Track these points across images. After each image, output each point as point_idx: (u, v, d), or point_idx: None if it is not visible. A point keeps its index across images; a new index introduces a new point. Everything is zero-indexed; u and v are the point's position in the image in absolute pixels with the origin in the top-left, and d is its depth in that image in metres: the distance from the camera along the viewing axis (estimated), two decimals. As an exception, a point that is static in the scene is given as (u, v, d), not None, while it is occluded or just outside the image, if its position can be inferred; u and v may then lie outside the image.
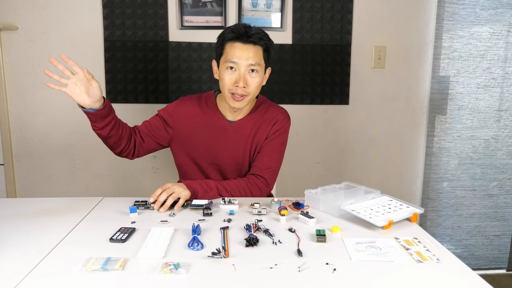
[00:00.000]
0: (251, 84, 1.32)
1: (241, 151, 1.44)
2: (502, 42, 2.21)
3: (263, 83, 1.39)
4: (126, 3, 2.02)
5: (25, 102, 2.07)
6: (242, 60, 1.30)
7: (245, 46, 1.30)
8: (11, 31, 2.00)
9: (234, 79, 1.31)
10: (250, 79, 1.32)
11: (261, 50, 1.33)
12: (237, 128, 1.43)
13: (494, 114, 2.29)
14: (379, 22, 2.16)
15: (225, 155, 1.44)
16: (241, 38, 1.30)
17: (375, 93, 2.22)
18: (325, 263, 0.87)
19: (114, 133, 1.30)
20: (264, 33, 1.34)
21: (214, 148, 1.43)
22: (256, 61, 1.31)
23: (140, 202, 1.22)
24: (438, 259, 0.90)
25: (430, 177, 2.31)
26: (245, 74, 1.31)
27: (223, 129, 1.43)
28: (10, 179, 2.11)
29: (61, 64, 1.19)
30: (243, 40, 1.30)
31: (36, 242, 0.97)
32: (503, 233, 2.41)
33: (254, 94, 1.35)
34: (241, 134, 1.43)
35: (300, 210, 1.19)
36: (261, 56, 1.33)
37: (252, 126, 1.43)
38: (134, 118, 2.13)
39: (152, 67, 2.08)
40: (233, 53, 1.30)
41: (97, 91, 1.18)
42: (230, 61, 1.30)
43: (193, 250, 0.93)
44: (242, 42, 1.30)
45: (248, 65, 1.30)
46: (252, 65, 1.31)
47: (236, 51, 1.30)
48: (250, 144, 1.43)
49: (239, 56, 1.30)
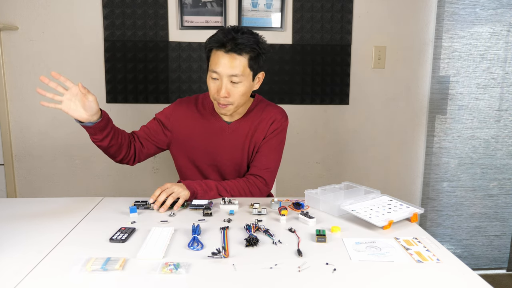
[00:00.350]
0: (234, 93, 1.29)
1: (239, 151, 1.43)
2: (502, 42, 2.21)
3: (255, 87, 1.37)
4: (126, 3, 2.02)
5: (25, 102, 2.07)
6: (224, 69, 1.26)
7: (228, 56, 1.25)
8: (11, 31, 2.00)
9: (216, 87, 1.30)
10: (233, 88, 1.28)
11: (246, 59, 1.27)
12: (235, 128, 1.43)
13: (494, 114, 2.29)
14: (379, 22, 2.16)
15: (223, 156, 1.44)
16: (224, 46, 1.25)
17: (375, 93, 2.22)
18: (325, 263, 0.87)
19: (114, 143, 1.30)
20: (252, 39, 1.27)
21: (213, 149, 1.43)
22: (239, 71, 1.26)
23: (140, 202, 1.22)
24: (438, 259, 0.90)
25: (430, 177, 2.31)
26: (227, 84, 1.27)
27: (221, 130, 1.42)
28: (10, 179, 2.11)
29: (53, 82, 1.18)
30: (226, 49, 1.25)
31: (36, 242, 0.97)
32: (503, 233, 2.41)
33: (239, 102, 1.33)
34: (238, 135, 1.43)
35: (300, 210, 1.19)
36: (245, 65, 1.27)
37: (250, 126, 1.43)
38: (134, 118, 2.13)
39: (152, 67, 2.08)
40: (215, 62, 1.27)
41: (94, 105, 1.17)
42: (212, 70, 1.28)
43: (193, 250, 0.92)
44: (225, 51, 1.25)
45: (229, 75, 1.26)
46: (234, 76, 1.26)
47: (219, 59, 1.26)
48: (248, 144, 1.43)
49: (222, 65, 1.25)
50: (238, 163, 1.45)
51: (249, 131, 1.43)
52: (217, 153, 1.43)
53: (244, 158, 1.45)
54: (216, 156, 1.44)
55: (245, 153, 1.44)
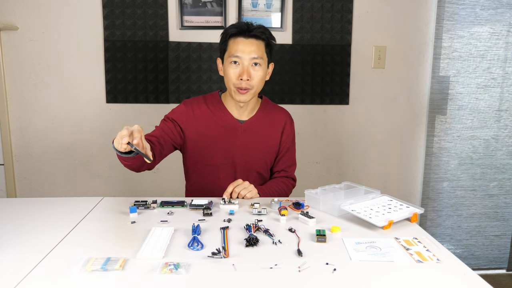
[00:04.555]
0: (254, 77, 1.36)
1: (251, 150, 1.46)
2: (502, 42, 2.21)
3: (266, 78, 1.44)
4: (126, 3, 2.02)
5: (25, 102, 2.07)
6: (245, 54, 1.34)
7: (248, 41, 1.35)
8: (11, 31, 2.00)
9: (238, 72, 1.36)
10: (254, 72, 1.36)
11: (263, 44, 1.37)
12: (247, 127, 1.45)
13: (494, 114, 2.29)
14: (379, 22, 2.16)
15: (236, 154, 1.45)
16: (244, 33, 1.35)
17: (375, 93, 2.22)
18: (325, 263, 0.87)
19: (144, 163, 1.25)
20: (265, 28, 1.38)
21: (226, 147, 1.45)
22: (259, 54, 1.35)
23: (140, 202, 1.22)
24: (438, 259, 0.90)
25: (430, 177, 2.31)
26: (249, 68, 1.35)
27: (233, 128, 1.45)
28: (10, 179, 2.11)
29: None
30: (245, 35, 1.35)
31: (36, 242, 0.97)
32: (503, 233, 2.41)
33: (257, 87, 1.39)
34: (251, 133, 1.46)
35: (300, 210, 1.19)
36: (263, 50, 1.38)
37: (261, 126, 1.47)
38: (134, 118, 2.13)
39: (152, 67, 2.08)
40: (236, 48, 1.35)
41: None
42: (234, 56, 1.35)
43: (193, 250, 0.92)
44: (245, 37, 1.35)
45: (251, 58, 1.34)
46: (255, 59, 1.35)
47: (239, 45, 1.34)
48: (261, 143, 1.47)
49: (242, 50, 1.34)
50: (249, 161, 1.47)
51: (262, 130, 1.48)
52: (230, 150, 1.45)
53: (256, 156, 1.48)
54: (228, 154, 1.45)
55: (258, 152, 1.47)
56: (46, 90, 2.07)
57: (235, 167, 1.47)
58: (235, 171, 1.47)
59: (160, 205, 1.22)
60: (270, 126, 1.49)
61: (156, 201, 1.23)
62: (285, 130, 1.52)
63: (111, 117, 2.12)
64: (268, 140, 1.49)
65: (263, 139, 1.48)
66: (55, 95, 2.08)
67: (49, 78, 2.07)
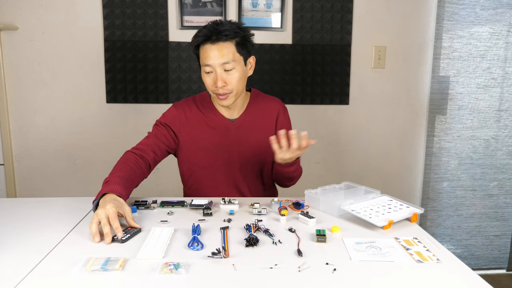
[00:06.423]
0: (230, 81, 1.32)
1: (247, 146, 1.44)
2: (502, 42, 2.21)
3: (249, 73, 1.40)
4: (126, 3, 2.02)
5: (25, 102, 2.07)
6: (215, 60, 1.29)
7: (215, 46, 1.29)
8: (11, 31, 2.00)
9: (212, 80, 1.32)
10: (228, 76, 1.31)
11: (233, 44, 1.31)
12: (239, 124, 1.43)
13: (494, 114, 2.28)
14: (379, 22, 2.16)
15: (232, 153, 1.44)
16: (209, 39, 1.29)
17: (375, 93, 2.22)
18: (325, 263, 0.87)
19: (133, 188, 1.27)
20: (235, 26, 1.32)
21: (221, 148, 1.43)
22: (229, 58, 1.30)
23: (140, 202, 1.22)
24: (438, 259, 0.90)
25: (430, 177, 2.31)
26: (222, 74, 1.30)
27: (226, 128, 1.43)
28: (10, 179, 2.11)
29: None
30: (212, 40, 1.29)
31: (36, 242, 0.97)
32: (503, 233, 2.41)
33: (237, 89, 1.35)
34: (244, 130, 1.44)
35: (300, 210, 1.19)
36: (234, 51, 1.31)
37: (254, 119, 1.45)
38: (134, 118, 2.13)
39: (152, 67, 2.08)
40: (205, 56, 1.30)
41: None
42: (205, 65, 1.31)
43: (193, 250, 0.92)
44: (211, 43, 1.29)
45: (221, 64, 1.29)
46: (226, 63, 1.30)
47: (208, 53, 1.30)
48: (256, 137, 1.44)
49: (211, 57, 1.29)
50: (248, 158, 1.45)
51: (255, 125, 1.45)
52: (225, 150, 1.44)
53: (254, 152, 1.45)
54: (225, 155, 1.44)
55: (255, 147, 1.45)
56: (46, 90, 2.07)
57: (233, 167, 1.45)
58: (234, 170, 1.46)
59: (160, 205, 1.22)
60: (263, 118, 1.46)
61: (156, 201, 1.23)
62: (279, 119, 1.47)
63: (111, 117, 2.12)
64: (263, 133, 1.44)
65: (258, 133, 1.44)
66: (55, 95, 2.08)
67: (49, 78, 2.07)
